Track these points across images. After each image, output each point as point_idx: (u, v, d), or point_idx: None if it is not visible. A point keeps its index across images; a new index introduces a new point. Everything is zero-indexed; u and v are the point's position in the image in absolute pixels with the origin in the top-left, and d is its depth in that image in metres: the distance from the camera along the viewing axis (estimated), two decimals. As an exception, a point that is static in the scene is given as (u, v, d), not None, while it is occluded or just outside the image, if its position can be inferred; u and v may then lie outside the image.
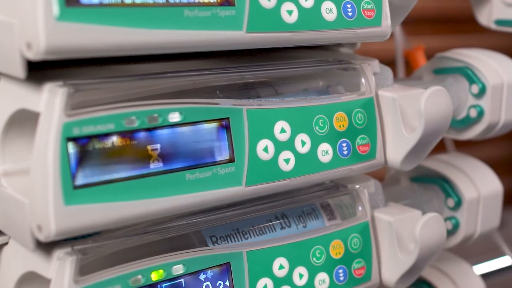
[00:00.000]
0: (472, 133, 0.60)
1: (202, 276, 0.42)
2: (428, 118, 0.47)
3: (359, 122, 0.48)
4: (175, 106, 0.40)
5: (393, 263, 0.51)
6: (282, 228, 0.48)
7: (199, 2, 0.39)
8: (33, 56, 0.34)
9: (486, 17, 0.66)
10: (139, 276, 0.40)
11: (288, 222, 0.48)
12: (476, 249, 0.74)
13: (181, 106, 0.40)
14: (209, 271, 0.43)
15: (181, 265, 0.41)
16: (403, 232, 0.51)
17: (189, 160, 0.40)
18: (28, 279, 0.41)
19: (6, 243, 0.42)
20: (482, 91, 0.58)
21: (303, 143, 0.45)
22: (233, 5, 0.40)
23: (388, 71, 0.53)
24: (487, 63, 0.59)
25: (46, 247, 0.38)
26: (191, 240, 0.44)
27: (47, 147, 0.35)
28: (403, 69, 0.79)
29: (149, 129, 0.38)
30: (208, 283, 0.43)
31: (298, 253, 0.47)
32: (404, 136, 0.49)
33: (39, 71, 0.38)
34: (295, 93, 0.48)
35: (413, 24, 0.83)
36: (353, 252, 0.50)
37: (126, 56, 0.39)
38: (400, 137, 0.49)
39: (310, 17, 0.43)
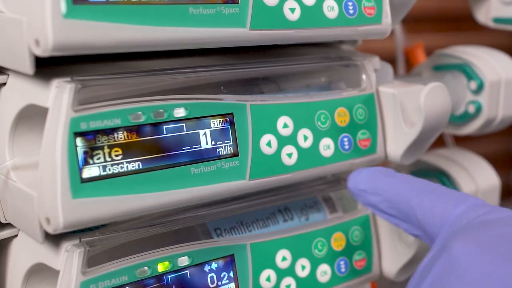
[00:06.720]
0: (470, 129, 0.61)
1: (207, 268, 0.43)
2: (427, 114, 0.47)
3: (360, 118, 0.49)
4: (180, 102, 0.40)
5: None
6: (285, 221, 0.49)
7: (203, 0, 0.39)
8: (41, 52, 0.34)
9: (484, 15, 0.67)
10: (146, 268, 0.40)
11: (291, 215, 0.49)
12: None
13: (186, 101, 0.40)
14: (213, 262, 0.43)
15: (186, 257, 0.42)
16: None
17: (194, 155, 0.41)
18: (36, 270, 0.41)
19: (16, 236, 0.42)
20: (480, 87, 0.58)
21: (305, 138, 0.46)
22: (237, 3, 0.40)
23: (388, 67, 0.53)
24: (485, 60, 0.59)
25: (55, 239, 0.39)
26: (196, 232, 0.44)
27: (55, 142, 0.36)
28: (404, 66, 0.80)
29: (154, 124, 0.39)
30: (213, 274, 0.43)
31: (301, 245, 0.47)
32: (404, 131, 0.49)
33: (47, 67, 0.39)
34: (297, 89, 0.48)
35: (414, 22, 0.83)
36: (354, 244, 0.50)
37: (132, 53, 0.40)
38: (400, 132, 0.49)
39: (312, 14, 0.44)
